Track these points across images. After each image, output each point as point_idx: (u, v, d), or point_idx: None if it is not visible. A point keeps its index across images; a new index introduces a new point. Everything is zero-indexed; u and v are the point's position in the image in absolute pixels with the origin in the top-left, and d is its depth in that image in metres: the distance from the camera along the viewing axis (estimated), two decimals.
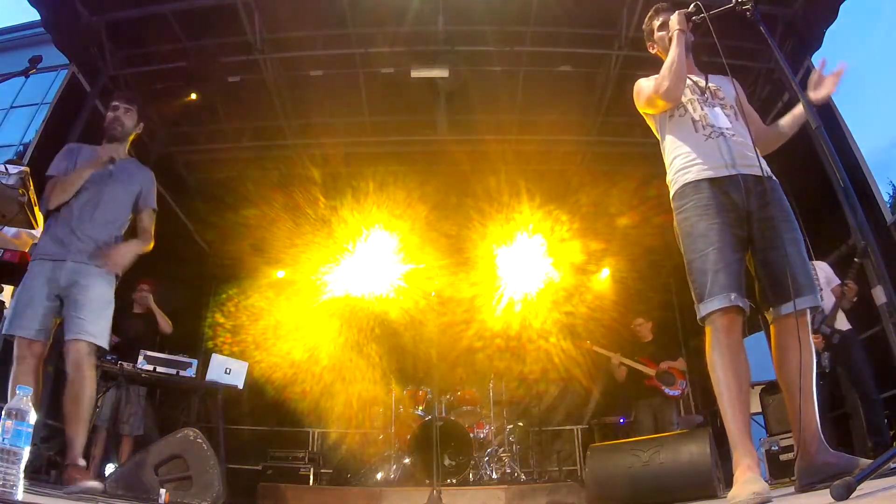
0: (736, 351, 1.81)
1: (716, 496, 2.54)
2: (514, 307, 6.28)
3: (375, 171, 5.61)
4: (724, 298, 1.80)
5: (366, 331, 6.28)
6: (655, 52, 2.32)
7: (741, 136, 2.03)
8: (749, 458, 1.68)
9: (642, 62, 2.43)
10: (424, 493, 3.67)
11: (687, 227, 1.96)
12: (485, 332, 6.16)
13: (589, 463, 3.02)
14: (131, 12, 4.48)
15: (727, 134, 2.02)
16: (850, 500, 1.18)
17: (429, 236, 6.06)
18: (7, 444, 1.41)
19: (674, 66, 2.03)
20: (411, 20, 4.56)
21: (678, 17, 2.10)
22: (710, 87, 2.16)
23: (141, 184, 2.77)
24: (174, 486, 2.84)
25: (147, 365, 4.02)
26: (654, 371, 4.86)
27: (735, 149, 1.99)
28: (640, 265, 6.60)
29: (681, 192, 2.01)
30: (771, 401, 4.43)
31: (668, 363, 4.90)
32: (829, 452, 1.78)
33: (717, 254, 1.85)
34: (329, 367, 5.83)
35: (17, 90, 8.20)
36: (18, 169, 2.24)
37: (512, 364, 6.14)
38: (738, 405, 1.76)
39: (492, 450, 5.18)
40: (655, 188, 4.92)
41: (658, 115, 2.20)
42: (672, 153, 2.09)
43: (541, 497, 4.28)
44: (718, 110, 2.09)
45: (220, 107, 5.25)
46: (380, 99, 5.26)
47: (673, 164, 2.08)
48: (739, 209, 1.92)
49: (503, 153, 5.43)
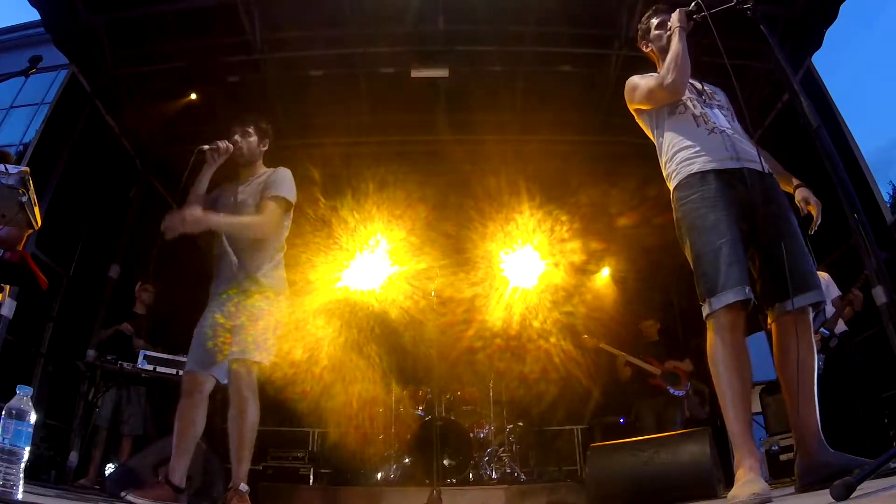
0: (740, 349, 1.79)
1: (716, 496, 2.54)
2: (514, 307, 6.28)
3: (375, 172, 5.60)
4: (738, 291, 1.76)
5: (366, 331, 6.27)
6: (649, 51, 2.32)
7: (740, 134, 2.05)
8: (751, 458, 1.67)
9: (642, 62, 2.43)
10: (424, 493, 3.68)
11: (694, 218, 1.92)
12: (485, 332, 6.15)
13: (589, 463, 3.02)
14: (131, 12, 4.47)
15: (728, 132, 2.02)
16: (850, 500, 1.18)
17: (429, 236, 6.05)
18: (7, 444, 1.41)
19: (678, 59, 2.02)
20: (411, 20, 4.56)
21: (679, 15, 2.10)
22: (706, 89, 2.17)
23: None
24: None
25: (147, 365, 4.03)
26: (659, 370, 4.84)
27: (737, 143, 1.99)
28: (640, 265, 6.59)
29: (686, 183, 1.98)
30: (771, 401, 4.42)
31: (673, 363, 4.88)
32: (828, 452, 1.77)
33: (728, 247, 1.81)
34: (329, 367, 5.82)
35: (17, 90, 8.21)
36: (18, 169, 2.24)
37: (512, 364, 6.13)
38: (740, 405, 1.75)
39: (492, 450, 5.18)
40: (655, 188, 4.90)
41: (654, 111, 2.18)
42: (674, 147, 2.07)
43: (541, 497, 4.28)
44: (717, 111, 2.10)
45: (220, 107, 5.24)
46: (380, 99, 5.25)
47: (675, 157, 2.05)
48: (744, 203, 1.90)
49: (503, 153, 5.42)
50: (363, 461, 5.19)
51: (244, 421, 2.37)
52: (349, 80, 5.10)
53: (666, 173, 2.11)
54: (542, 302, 6.29)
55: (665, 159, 2.12)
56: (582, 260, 6.25)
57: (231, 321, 2.48)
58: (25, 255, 2.36)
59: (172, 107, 5.07)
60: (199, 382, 2.46)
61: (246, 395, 2.38)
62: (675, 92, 2.06)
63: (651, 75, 2.19)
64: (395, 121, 5.50)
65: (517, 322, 6.19)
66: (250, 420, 2.38)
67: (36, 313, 4.44)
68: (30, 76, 2.42)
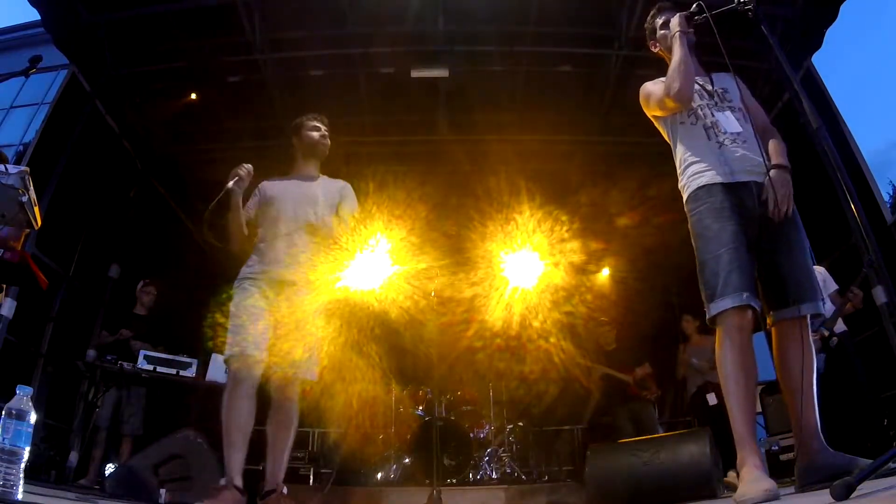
0: (747, 351, 1.82)
1: (716, 496, 2.55)
2: (514, 307, 6.27)
3: (375, 171, 5.59)
4: (736, 297, 1.81)
5: (366, 331, 6.26)
6: (657, 51, 2.33)
7: (751, 141, 2.05)
8: (755, 457, 1.70)
9: (642, 62, 2.44)
10: (424, 493, 3.68)
11: (700, 228, 1.98)
12: (485, 332, 6.14)
13: (589, 463, 3.02)
14: (131, 12, 4.47)
15: (739, 140, 2.03)
16: (850, 500, 1.18)
17: (429, 236, 6.02)
18: (7, 444, 1.41)
19: (681, 67, 2.04)
20: (411, 20, 4.55)
21: (678, 20, 2.11)
22: (717, 90, 2.17)
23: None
24: (174, 486, 2.84)
25: (147, 365, 4.03)
26: (631, 378, 4.99)
27: (748, 156, 2.00)
28: (640, 265, 6.59)
29: (694, 196, 2.03)
30: (771, 401, 4.43)
31: (642, 370, 5.08)
32: (828, 452, 1.78)
33: (729, 255, 1.86)
34: (329, 367, 5.81)
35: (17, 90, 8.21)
36: (18, 169, 2.23)
37: (512, 364, 6.12)
38: (746, 405, 1.77)
39: (492, 450, 5.18)
40: (655, 188, 4.92)
41: (668, 118, 2.20)
42: (686, 160, 2.11)
43: (541, 497, 4.29)
44: (729, 114, 2.11)
45: (220, 107, 5.24)
46: (380, 99, 5.25)
47: (687, 171, 2.10)
48: (751, 213, 1.94)
49: (503, 153, 5.42)
50: (363, 461, 5.19)
51: (294, 425, 2.46)
52: (349, 80, 5.10)
53: (680, 185, 2.16)
54: (542, 302, 6.29)
55: (679, 171, 2.16)
56: (582, 260, 6.24)
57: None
58: (25, 255, 2.36)
59: (172, 107, 5.07)
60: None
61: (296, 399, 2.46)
62: (682, 100, 2.09)
63: (662, 80, 2.20)
64: (395, 121, 5.49)
65: (517, 322, 6.19)
66: (296, 424, 2.48)
67: (36, 313, 4.44)
68: (30, 76, 2.42)
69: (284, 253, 2.50)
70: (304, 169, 2.80)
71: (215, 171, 5.88)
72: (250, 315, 2.38)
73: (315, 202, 2.64)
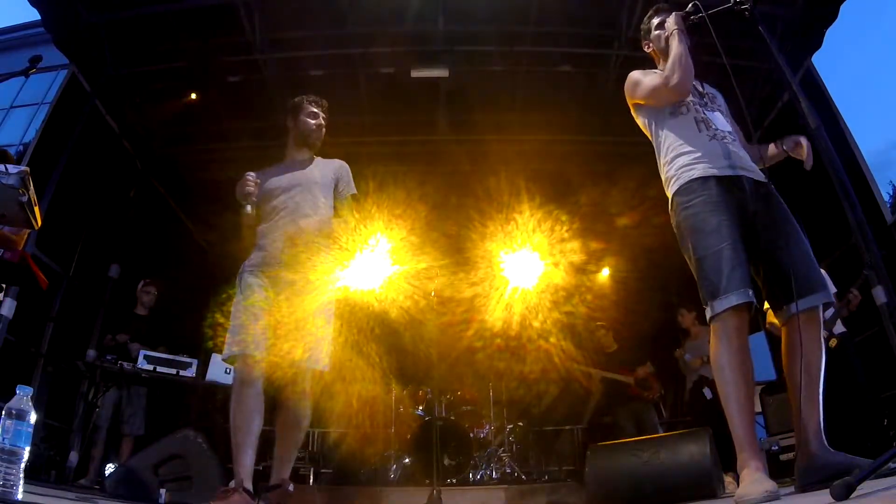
0: (744, 352, 1.80)
1: (716, 496, 2.55)
2: (514, 307, 6.27)
3: (375, 171, 5.59)
4: (742, 294, 1.76)
5: (366, 331, 6.26)
6: (650, 51, 2.32)
7: (739, 140, 2.08)
8: (756, 458, 1.68)
9: (642, 62, 2.43)
10: (424, 493, 3.67)
11: (696, 222, 1.91)
12: (485, 332, 6.15)
13: (589, 463, 3.02)
14: (131, 12, 4.47)
15: (730, 138, 2.03)
16: (850, 500, 1.18)
17: (429, 236, 6.03)
18: (7, 444, 1.41)
19: (682, 59, 2.02)
20: (411, 20, 4.56)
21: (675, 18, 2.10)
22: (707, 92, 2.18)
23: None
24: (174, 486, 2.84)
25: (147, 365, 4.02)
26: (632, 379, 4.96)
27: (738, 151, 2.00)
28: (640, 265, 6.59)
29: (687, 188, 1.97)
30: (771, 401, 4.43)
31: (643, 369, 5.06)
32: (829, 452, 1.78)
33: (731, 250, 1.81)
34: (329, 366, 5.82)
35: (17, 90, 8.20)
36: (18, 169, 2.23)
37: (512, 364, 6.13)
38: (744, 406, 1.75)
39: (492, 450, 5.18)
40: (655, 188, 4.86)
41: (654, 109, 2.17)
42: (674, 150, 2.06)
43: (541, 497, 4.28)
44: (718, 115, 2.11)
45: (220, 107, 5.24)
46: (380, 99, 5.25)
47: (675, 162, 2.04)
48: (745, 209, 1.91)
49: (503, 153, 5.42)
50: (363, 461, 5.19)
51: (304, 424, 2.45)
52: (349, 80, 5.10)
53: (665, 177, 2.10)
54: (542, 302, 6.29)
55: (664, 161, 2.10)
56: (582, 260, 6.25)
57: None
58: (25, 255, 2.36)
59: (172, 107, 5.08)
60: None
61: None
62: (680, 92, 2.06)
63: (654, 72, 2.18)
64: (395, 121, 5.49)
65: (517, 322, 6.19)
66: (307, 422, 2.47)
67: (36, 313, 4.44)
68: (30, 76, 2.42)
69: (285, 252, 2.48)
70: (296, 155, 2.78)
71: (215, 171, 5.92)
72: (250, 315, 2.36)
73: (311, 188, 2.63)
